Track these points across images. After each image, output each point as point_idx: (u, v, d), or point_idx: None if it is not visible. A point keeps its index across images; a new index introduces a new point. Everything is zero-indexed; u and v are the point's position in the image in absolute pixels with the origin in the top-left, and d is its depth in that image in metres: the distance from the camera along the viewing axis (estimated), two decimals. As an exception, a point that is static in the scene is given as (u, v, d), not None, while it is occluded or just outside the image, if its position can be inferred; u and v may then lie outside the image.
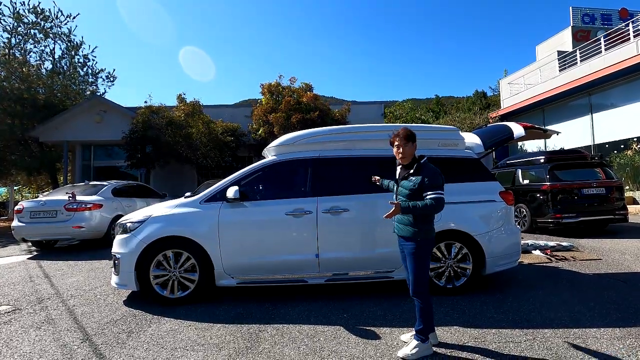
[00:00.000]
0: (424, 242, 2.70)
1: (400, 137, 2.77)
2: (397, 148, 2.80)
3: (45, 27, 16.46)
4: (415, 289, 2.69)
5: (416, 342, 2.64)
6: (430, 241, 2.74)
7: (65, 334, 3.19)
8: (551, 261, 5.42)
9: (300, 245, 3.92)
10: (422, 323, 2.67)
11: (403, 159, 2.80)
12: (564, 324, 3.14)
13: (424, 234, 2.70)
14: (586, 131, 15.66)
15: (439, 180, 2.66)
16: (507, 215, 4.20)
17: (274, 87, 14.49)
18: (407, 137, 2.76)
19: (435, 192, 2.62)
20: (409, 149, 2.77)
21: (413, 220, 2.70)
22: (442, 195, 2.63)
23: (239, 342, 2.94)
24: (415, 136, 2.81)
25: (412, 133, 2.79)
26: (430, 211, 2.63)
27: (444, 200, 2.63)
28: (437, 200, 2.60)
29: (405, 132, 2.78)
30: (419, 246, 2.69)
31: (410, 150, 2.78)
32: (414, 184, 2.69)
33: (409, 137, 2.76)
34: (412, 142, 2.77)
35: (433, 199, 2.60)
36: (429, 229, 2.74)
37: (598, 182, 7.65)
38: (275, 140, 4.45)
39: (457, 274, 3.99)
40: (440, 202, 2.60)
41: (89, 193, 8.05)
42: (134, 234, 3.90)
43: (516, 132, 4.39)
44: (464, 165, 4.30)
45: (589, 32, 19.77)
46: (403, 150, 2.77)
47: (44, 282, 5.03)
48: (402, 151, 2.77)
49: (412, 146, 2.77)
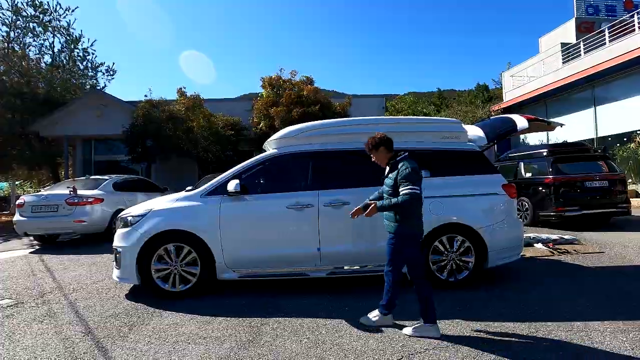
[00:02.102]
0: (403, 236, 2.82)
1: (369, 147, 3.00)
2: (371, 156, 3.03)
3: (44, 20, 16.33)
4: (410, 275, 2.91)
5: (379, 313, 2.97)
6: (413, 235, 2.85)
7: (67, 327, 3.19)
8: (553, 254, 5.41)
9: (302, 238, 3.90)
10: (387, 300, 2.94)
11: (380, 163, 3.03)
12: (567, 317, 3.13)
13: (403, 228, 2.81)
14: (589, 124, 15.53)
15: (412, 176, 2.75)
16: (510, 208, 4.17)
17: (274, 80, 14.40)
18: (375, 146, 2.96)
19: (407, 187, 2.71)
20: (380, 155, 2.97)
21: (394, 216, 2.84)
22: (414, 189, 2.71)
23: (240, 335, 2.94)
24: (382, 142, 2.95)
25: (378, 141, 2.95)
26: (404, 207, 2.72)
27: (416, 194, 2.72)
28: (409, 195, 2.70)
29: (372, 142, 2.97)
30: (396, 239, 2.84)
31: (382, 155, 2.97)
32: (391, 181, 2.86)
33: (376, 145, 2.95)
34: (380, 146, 2.95)
35: (405, 194, 2.71)
36: (412, 224, 2.83)
37: (601, 175, 7.60)
38: (276, 133, 4.41)
39: (459, 268, 3.97)
40: (413, 197, 2.70)
41: (90, 187, 8.05)
42: (135, 227, 3.89)
43: (519, 125, 4.34)
44: (467, 158, 4.26)
45: (592, 24, 19.49)
46: (375, 157, 3.01)
47: (46, 275, 5.04)
48: (375, 158, 3.03)
49: (382, 150, 2.96)
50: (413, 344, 2.70)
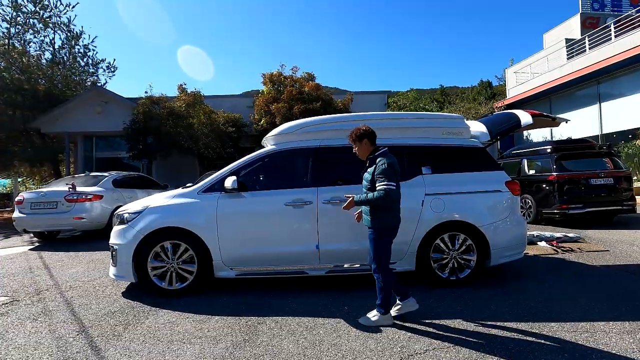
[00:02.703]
0: (380, 230, 2.90)
1: (352, 139, 3.02)
2: (353, 147, 3.06)
3: (44, 16, 16.25)
4: (375, 269, 2.97)
5: (376, 313, 2.94)
6: (387, 229, 2.92)
7: (61, 325, 3.14)
8: (557, 252, 5.31)
9: (300, 236, 3.83)
10: (381, 300, 2.93)
11: (360, 156, 3.05)
12: (571, 317, 3.05)
13: (380, 222, 2.89)
14: (594, 120, 15.36)
15: (388, 171, 2.81)
16: (513, 206, 4.08)
17: (275, 76, 14.31)
18: (359, 137, 2.99)
19: (382, 182, 2.79)
20: (363, 147, 2.99)
21: (370, 210, 2.92)
22: (390, 185, 2.78)
23: (236, 334, 2.88)
24: (367, 134, 2.98)
25: (363, 132, 2.99)
26: (379, 202, 2.80)
27: (391, 190, 2.78)
28: (384, 190, 2.77)
29: (356, 132, 3.00)
30: (375, 233, 2.91)
31: (364, 148, 3.00)
32: (369, 175, 2.91)
33: (361, 136, 2.98)
34: (363, 139, 2.98)
35: (380, 189, 2.78)
36: (386, 217, 2.90)
37: (606, 172, 7.48)
38: (275, 128, 4.33)
39: (460, 266, 3.90)
40: (387, 192, 2.76)
41: (89, 184, 8.01)
42: (131, 225, 3.83)
43: (524, 120, 4.24)
44: (469, 154, 4.17)
45: (598, 19, 19.22)
46: (358, 149, 3.03)
47: (44, 273, 5.00)
48: (357, 150, 3.04)
49: (365, 142, 2.98)
50: (413, 344, 2.64)
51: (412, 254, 3.85)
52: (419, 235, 3.82)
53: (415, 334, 2.81)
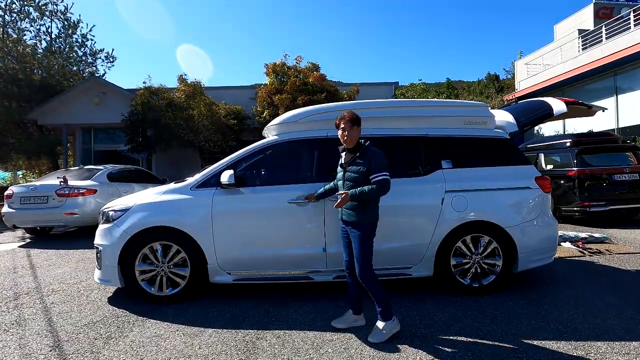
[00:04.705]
0: (369, 227, 2.68)
1: (346, 120, 2.71)
2: (342, 131, 2.73)
3: (39, 3, 15.78)
4: (362, 273, 2.66)
5: (382, 323, 2.64)
6: (375, 224, 2.72)
7: (34, 339, 2.76)
8: (584, 255, 4.88)
9: (305, 237, 3.42)
10: (380, 305, 2.64)
11: (348, 143, 2.74)
12: (619, 334, 2.64)
13: (372, 217, 2.69)
14: (610, 114, 14.74)
15: (384, 162, 2.66)
16: (544, 205, 3.65)
17: (278, 67, 13.79)
18: (353, 121, 2.72)
19: (381, 174, 2.61)
20: (355, 132, 2.73)
21: (358, 206, 2.67)
22: (387, 176, 2.62)
23: (232, 352, 2.49)
24: (360, 120, 2.75)
25: (358, 117, 2.76)
26: (377, 194, 2.63)
27: (389, 181, 2.62)
28: (382, 182, 2.60)
29: (351, 115, 2.73)
30: (364, 231, 2.66)
31: (356, 134, 2.74)
32: (361, 167, 2.66)
33: (355, 120, 2.73)
34: (357, 125, 2.74)
35: (378, 181, 2.60)
36: (375, 212, 2.72)
37: (631, 167, 7.00)
38: (277, 117, 3.90)
39: (484, 271, 3.48)
40: (385, 184, 2.61)
41: (83, 178, 7.62)
42: (116, 223, 3.44)
43: (556, 109, 3.78)
44: (494, 146, 3.73)
45: (612, 9, 18.50)
46: (349, 133, 2.70)
47: (27, 273, 4.64)
48: (347, 134, 2.71)
49: (357, 130, 2.74)
50: (439, 370, 2.23)
51: (430, 257, 3.44)
52: (438, 237, 3.40)
53: (438, 357, 2.40)
